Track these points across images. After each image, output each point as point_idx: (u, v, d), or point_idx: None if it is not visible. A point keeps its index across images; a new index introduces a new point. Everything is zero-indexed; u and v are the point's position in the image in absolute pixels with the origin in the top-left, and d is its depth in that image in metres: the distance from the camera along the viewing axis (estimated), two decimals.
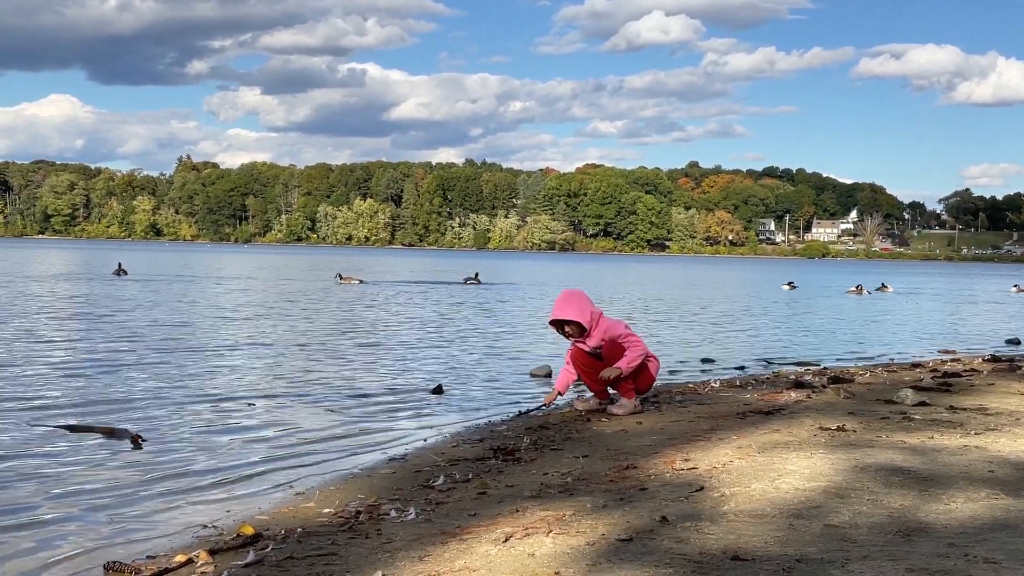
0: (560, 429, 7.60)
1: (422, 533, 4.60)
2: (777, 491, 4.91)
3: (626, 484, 5.36)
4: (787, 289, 41.31)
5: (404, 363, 12.38)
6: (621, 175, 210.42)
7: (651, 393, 9.64)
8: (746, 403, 8.52)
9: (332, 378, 10.81)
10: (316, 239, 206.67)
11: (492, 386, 10.52)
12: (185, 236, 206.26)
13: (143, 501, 5.60)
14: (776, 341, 17.21)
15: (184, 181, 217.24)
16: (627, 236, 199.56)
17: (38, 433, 7.34)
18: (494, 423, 8.22)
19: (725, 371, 12.20)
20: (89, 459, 6.56)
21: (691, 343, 16.26)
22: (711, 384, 10.14)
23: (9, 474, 6.11)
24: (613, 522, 4.46)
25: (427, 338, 15.93)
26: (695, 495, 4.92)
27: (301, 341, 14.80)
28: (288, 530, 4.77)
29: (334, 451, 7.08)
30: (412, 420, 8.41)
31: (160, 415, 8.23)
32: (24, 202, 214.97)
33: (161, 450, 6.90)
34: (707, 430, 7.10)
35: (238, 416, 8.33)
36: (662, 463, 5.87)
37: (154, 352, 12.64)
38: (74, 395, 9.14)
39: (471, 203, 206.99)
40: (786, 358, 14.05)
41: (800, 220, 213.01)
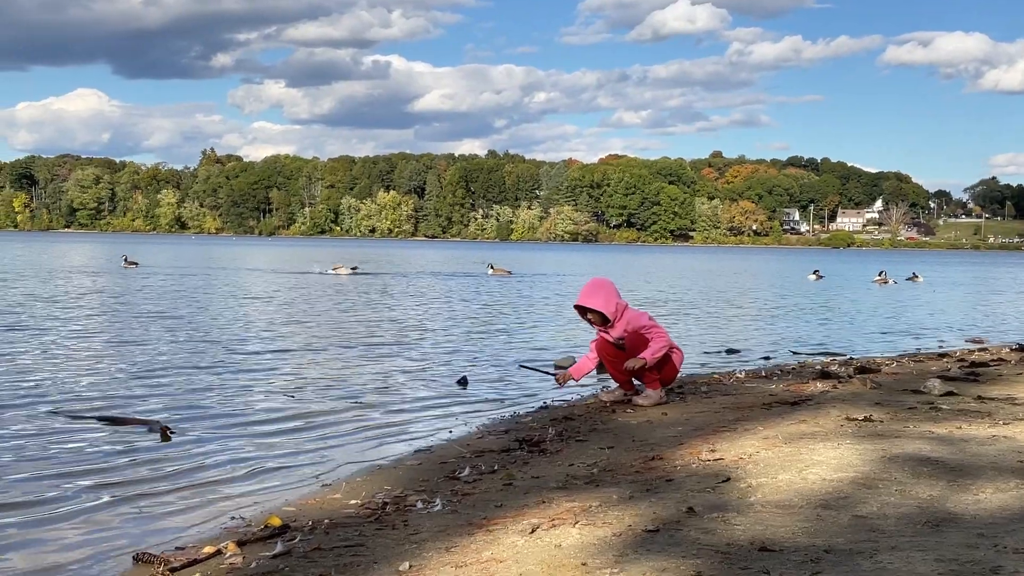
0: (585, 420, 7.60)
1: (449, 524, 4.61)
2: (804, 482, 4.90)
3: (652, 475, 5.36)
4: (813, 279, 41.08)
5: (428, 355, 12.40)
6: (644, 165, 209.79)
7: (676, 384, 9.63)
8: (772, 393, 8.49)
9: (357, 370, 10.85)
10: (340, 231, 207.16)
11: (516, 378, 10.52)
12: (209, 229, 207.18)
13: (171, 492, 5.65)
14: (801, 331, 17.13)
15: (208, 174, 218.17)
16: (650, 227, 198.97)
17: (69, 425, 7.41)
18: (519, 414, 8.23)
19: (750, 361, 12.17)
20: (118, 451, 6.62)
21: (716, 333, 16.21)
22: (736, 375, 10.11)
23: (39, 465, 6.17)
24: (640, 513, 4.46)
25: (450, 330, 15.94)
26: (722, 486, 4.92)
27: (325, 334, 14.85)
28: (315, 521, 4.80)
29: (360, 443, 7.11)
30: (437, 412, 8.43)
31: (187, 407, 8.29)
32: (50, 196, 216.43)
33: (189, 442, 6.96)
34: (733, 421, 7.08)
35: (264, 408, 8.37)
36: (688, 454, 5.86)
37: (179, 345, 12.72)
38: (102, 387, 9.21)
39: (494, 194, 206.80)
40: (812, 348, 13.99)
41: (825, 210, 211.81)
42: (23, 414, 7.79)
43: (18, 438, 6.93)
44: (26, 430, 7.20)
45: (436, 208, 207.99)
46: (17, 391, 8.83)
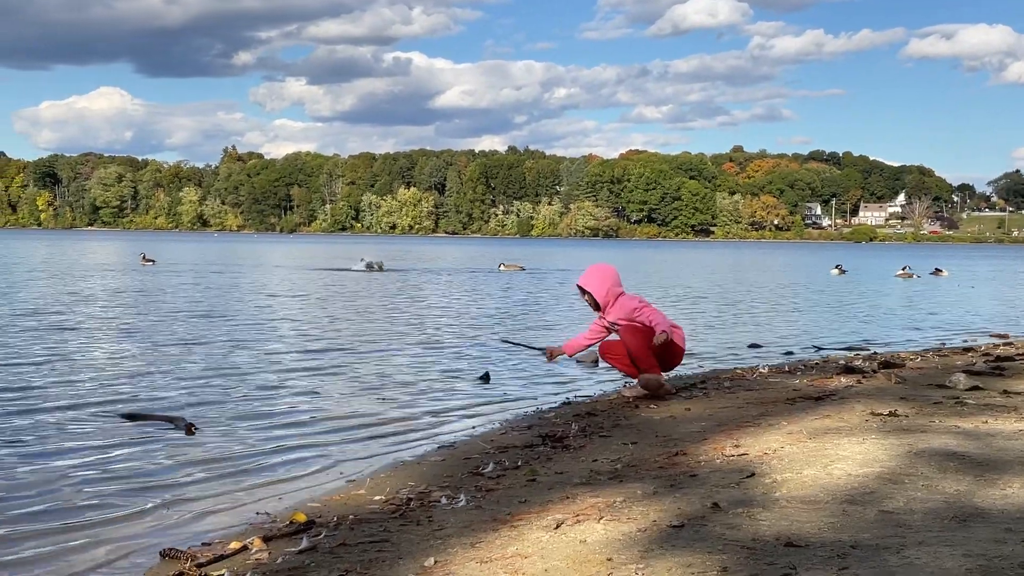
0: (608, 416, 7.59)
1: (473, 520, 4.62)
2: (829, 477, 4.87)
3: (676, 470, 5.35)
4: (836, 273, 40.90)
5: (450, 351, 12.42)
6: (665, 160, 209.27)
7: (698, 379, 9.62)
8: (795, 389, 8.46)
9: (379, 367, 10.87)
10: (360, 228, 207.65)
11: (538, 373, 10.52)
12: (231, 226, 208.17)
13: (197, 488, 5.68)
14: (824, 326, 17.06)
15: (230, 172, 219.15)
16: (671, 222, 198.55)
17: (95, 422, 7.46)
18: (542, 410, 8.23)
19: (773, 356, 12.13)
20: (144, 447, 6.66)
21: (738, 328, 16.16)
22: (759, 370, 10.08)
23: (67, 462, 6.22)
24: (664, 508, 4.45)
25: (472, 326, 15.96)
26: (746, 481, 4.90)
27: (347, 330, 14.89)
28: (340, 517, 4.81)
29: (384, 439, 7.13)
30: (460, 408, 8.44)
31: (211, 403, 8.33)
32: (73, 194, 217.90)
33: (213, 438, 6.99)
34: (756, 416, 7.05)
35: (287, 404, 8.41)
36: (712, 449, 5.84)
37: (202, 342, 12.79)
38: (126, 384, 9.27)
39: (514, 190, 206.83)
40: (835, 343, 13.93)
41: (847, 204, 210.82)
42: (48, 411, 7.84)
43: (43, 435, 6.98)
44: (52, 427, 7.25)
45: (456, 204, 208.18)
46: (41, 389, 8.90)
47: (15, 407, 7.96)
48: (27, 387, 8.94)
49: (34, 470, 6.01)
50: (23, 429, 7.14)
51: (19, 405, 8.05)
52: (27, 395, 8.53)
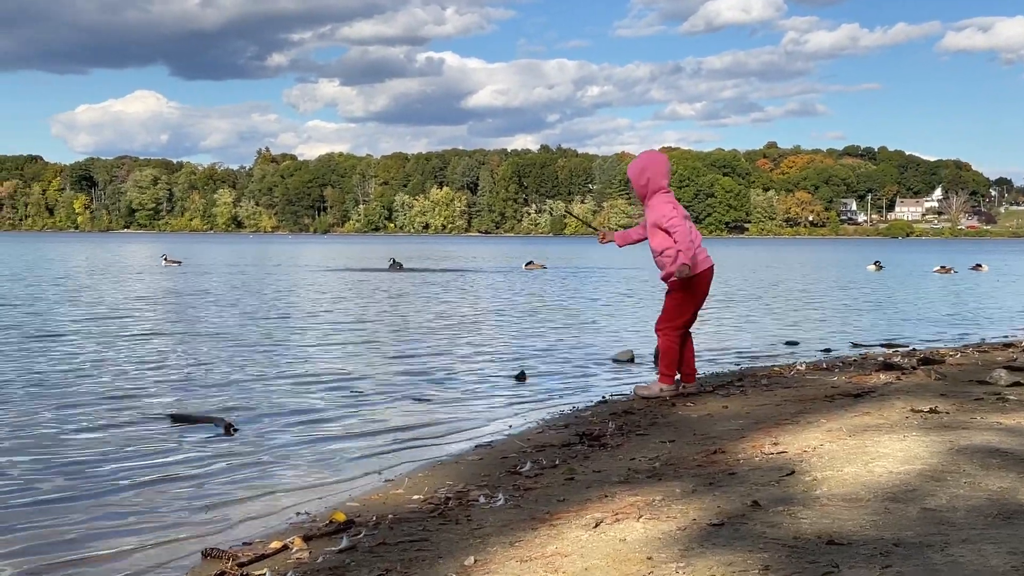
0: (645, 414, 7.58)
1: (512, 519, 4.63)
2: (871, 474, 4.84)
3: (715, 468, 5.33)
4: (873, 269, 40.58)
5: (485, 351, 12.43)
6: (698, 158, 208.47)
7: (735, 376, 9.58)
8: (834, 386, 8.40)
9: (414, 366, 10.90)
10: (393, 228, 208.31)
11: (574, 372, 10.52)
12: (265, 228, 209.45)
13: (237, 488, 5.72)
14: (862, 322, 16.94)
15: (263, 173, 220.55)
16: (705, 219, 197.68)
17: (134, 424, 7.54)
18: (578, 409, 8.23)
19: (810, 353, 12.06)
20: (184, 447, 6.72)
21: (775, 325, 16.08)
22: (797, 367, 10.02)
23: (107, 462, 6.29)
24: (703, 507, 4.44)
25: (506, 325, 15.97)
26: (786, 479, 4.87)
27: (380, 330, 14.94)
28: (379, 516, 4.84)
29: (420, 438, 7.15)
30: (496, 407, 8.46)
31: (249, 404, 8.39)
32: (109, 197, 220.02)
33: (252, 438, 7.05)
34: (795, 413, 7.01)
35: (324, 405, 8.45)
36: (750, 447, 5.81)
37: (238, 342, 12.87)
38: (164, 385, 9.36)
39: (547, 189, 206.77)
40: (873, 340, 13.82)
41: (883, 199, 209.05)
42: (88, 413, 7.93)
43: (85, 436, 7.06)
44: (93, 428, 7.33)
45: (489, 204, 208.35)
46: (79, 392, 8.99)
47: (54, 410, 8.05)
48: (65, 390, 9.04)
49: (75, 471, 6.08)
50: (63, 432, 7.23)
51: (59, 408, 8.14)
52: (65, 398, 8.62)
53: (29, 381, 9.46)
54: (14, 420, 7.57)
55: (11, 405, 8.19)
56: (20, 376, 9.78)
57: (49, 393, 8.78)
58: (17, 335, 13.37)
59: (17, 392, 8.82)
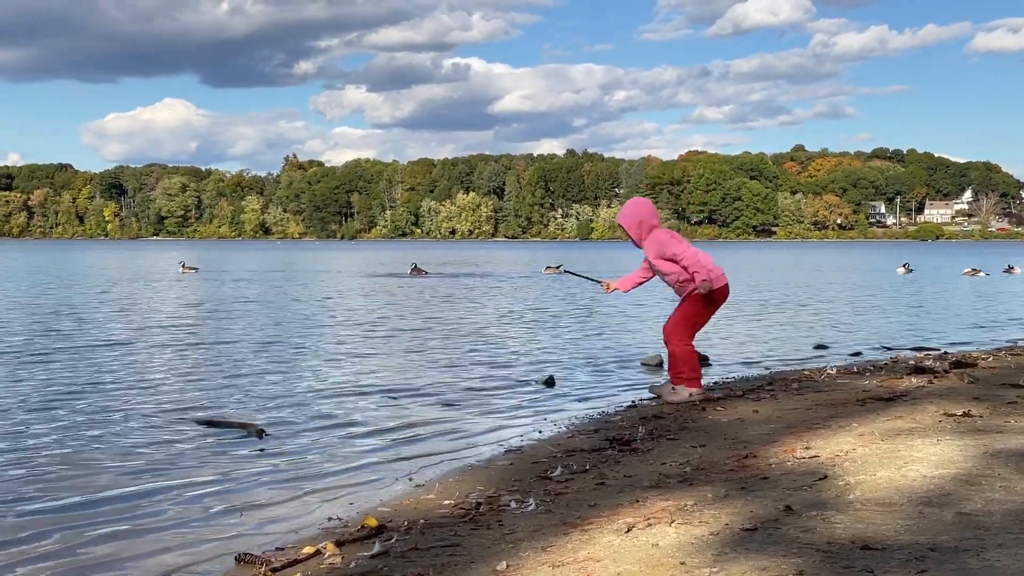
0: (675, 419, 7.56)
1: (543, 524, 4.63)
2: (904, 479, 4.81)
3: (746, 473, 5.31)
4: (902, 272, 40.30)
5: (513, 356, 12.44)
6: (725, 161, 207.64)
7: (765, 381, 9.54)
8: (865, 389, 8.36)
9: (443, 372, 10.92)
10: (420, 234, 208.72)
11: (603, 376, 10.51)
12: (293, 234, 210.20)
13: (269, 494, 5.75)
14: (892, 326, 16.82)
15: (291, 180, 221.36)
16: (732, 223, 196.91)
17: (167, 427, 7.59)
18: (607, 413, 8.22)
19: (841, 357, 11.99)
20: (215, 452, 6.77)
21: (804, 329, 16.00)
22: (827, 371, 9.97)
23: (139, 468, 6.33)
24: (736, 511, 4.42)
25: (533, 329, 15.97)
26: (819, 483, 4.85)
27: (407, 335, 14.97)
28: (411, 522, 4.85)
29: (451, 444, 7.16)
30: (525, 412, 8.46)
31: (278, 409, 8.43)
32: (139, 205, 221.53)
33: (283, 443, 7.08)
34: (826, 417, 6.98)
35: (354, 410, 8.48)
36: (782, 451, 5.79)
37: (263, 348, 12.93)
38: (194, 391, 9.42)
39: (573, 193, 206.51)
40: (903, 343, 13.73)
41: (912, 202, 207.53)
42: (119, 419, 7.99)
43: (118, 442, 7.11)
44: (125, 434, 7.39)
45: (516, 208, 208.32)
46: (112, 397, 9.07)
47: (87, 416, 8.11)
48: (98, 396, 9.12)
49: (108, 476, 6.13)
50: (96, 437, 7.28)
51: (89, 414, 8.21)
52: (97, 404, 8.69)
53: (54, 390, 9.55)
54: (44, 427, 7.64)
55: (41, 412, 8.27)
56: (46, 384, 9.87)
57: (77, 401, 8.85)
58: (40, 344, 13.50)
59: (45, 400, 8.91)
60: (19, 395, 9.09)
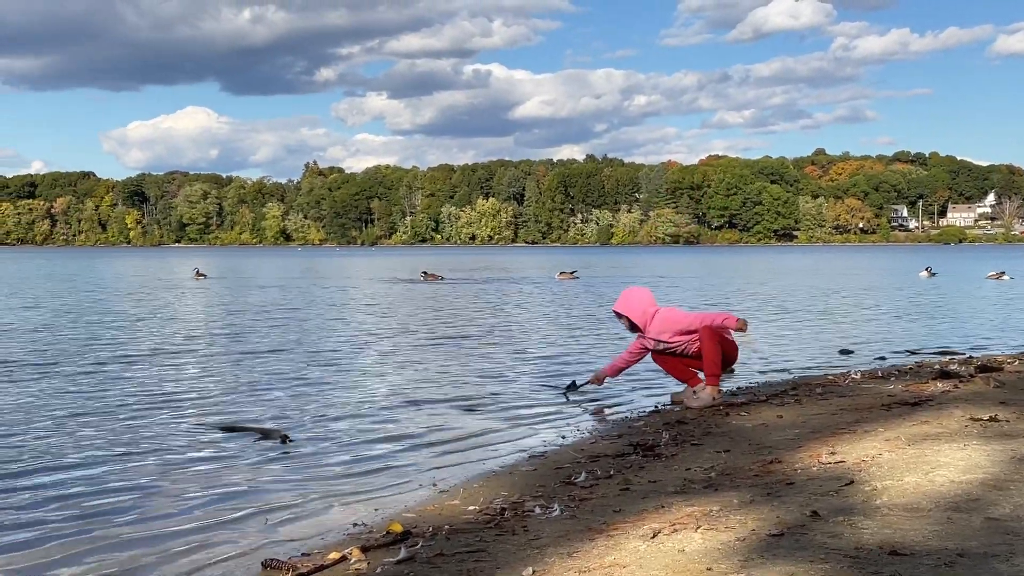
0: (699, 424, 7.55)
1: (568, 529, 4.62)
2: (931, 484, 4.78)
3: (772, 478, 5.30)
4: (925, 276, 40.06)
5: (534, 361, 12.43)
6: (746, 165, 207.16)
7: (789, 386, 9.50)
8: (890, 394, 8.32)
9: (465, 378, 10.93)
10: (440, 240, 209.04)
11: (626, 382, 10.48)
12: (313, 240, 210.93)
13: (293, 499, 5.77)
14: (916, 330, 16.72)
15: (311, 187, 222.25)
16: (753, 227, 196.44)
17: (192, 433, 7.63)
18: (631, 419, 8.21)
19: (865, 362, 11.93)
20: (240, 458, 6.79)
21: (827, 334, 15.92)
22: (851, 376, 9.92)
23: (166, 474, 6.37)
24: (762, 517, 4.41)
25: (553, 335, 15.95)
26: (845, 489, 4.83)
27: (426, 341, 14.99)
28: (436, 527, 4.85)
29: (474, 449, 7.17)
30: (548, 417, 8.45)
31: (302, 415, 8.46)
32: (160, 212, 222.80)
33: (307, 449, 7.11)
34: (851, 422, 6.95)
35: (377, 416, 8.49)
36: (807, 457, 5.77)
37: (286, 355, 12.97)
38: (218, 397, 9.46)
39: (593, 199, 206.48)
40: (928, 347, 13.64)
41: (934, 205, 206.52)
42: (143, 426, 8.03)
43: (142, 448, 7.15)
44: (149, 441, 7.43)
45: (535, 214, 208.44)
46: (136, 403, 9.12)
47: (112, 422, 8.16)
48: (122, 403, 9.17)
49: (134, 482, 6.17)
50: (121, 443, 7.33)
51: (116, 419, 8.26)
52: (121, 410, 8.75)
53: (79, 397, 9.61)
54: (70, 434, 7.68)
55: (66, 419, 8.32)
56: (71, 392, 9.94)
57: (102, 410, 8.90)
58: (58, 353, 13.60)
59: (72, 406, 8.96)
60: (42, 404, 9.16)
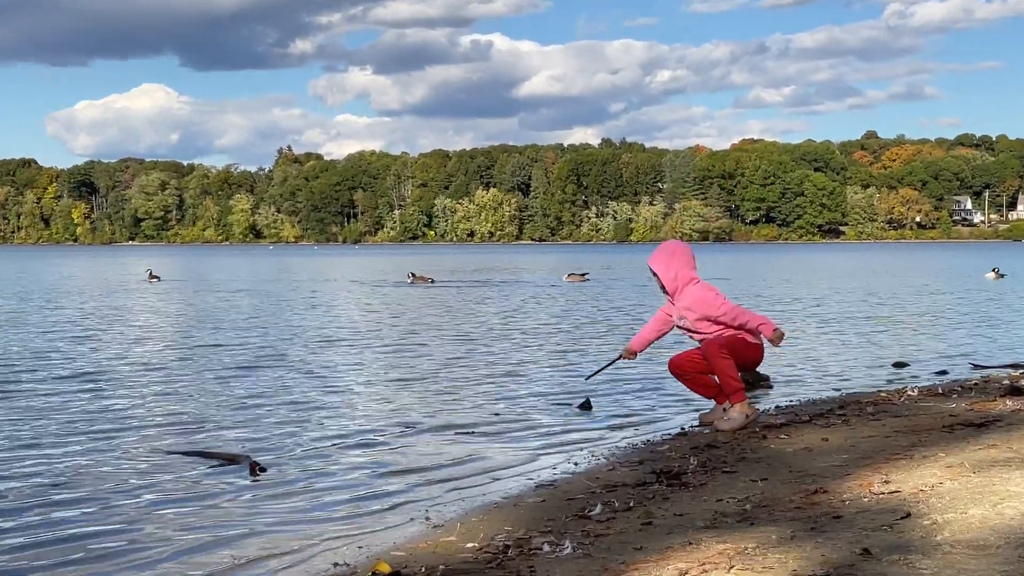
0: (731, 448, 7.56)
1: (582, 570, 4.63)
2: (1000, 517, 4.79)
3: (816, 511, 5.30)
4: (992, 278, 40.08)
5: (542, 376, 12.44)
6: (785, 150, 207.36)
7: (836, 404, 9.51)
8: (952, 414, 8.33)
9: (464, 395, 10.94)
10: (434, 236, 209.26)
11: (646, 399, 10.50)
12: (288, 238, 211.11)
13: (266, 535, 5.78)
14: (982, 340, 16.73)
15: (285, 176, 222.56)
16: (794, 222, 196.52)
17: (153, 461, 7.64)
18: (653, 442, 8.22)
19: (923, 377, 11.94)
20: (206, 489, 6.81)
21: (880, 345, 15.94)
22: (907, 392, 9.93)
23: (119, 509, 6.38)
24: (805, 556, 4.41)
25: (564, 345, 15.96)
26: (900, 523, 4.84)
27: (422, 354, 15.00)
28: (429, 567, 4.86)
29: (473, 477, 7.18)
30: (558, 441, 8.47)
31: (277, 440, 8.47)
32: (112, 205, 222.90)
33: (282, 479, 7.12)
34: (907, 446, 6.96)
35: (362, 440, 8.51)
36: (857, 486, 5.78)
37: (259, 372, 12.98)
38: (179, 419, 9.47)
39: (610, 189, 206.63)
40: (996, 360, 13.65)
41: (1003, 196, 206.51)
42: (101, 451, 8.06)
43: (98, 478, 7.18)
44: (106, 469, 7.45)
45: (543, 207, 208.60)
46: (90, 427, 9.14)
47: (62, 451, 8.18)
48: (72, 429, 9.19)
49: (87, 515, 6.18)
50: (73, 473, 7.34)
51: (67, 448, 8.28)
52: (72, 437, 8.76)
53: (11, 422, 9.63)
54: (26, 459, 7.70)
55: (19, 446, 8.33)
56: (16, 415, 9.96)
57: (51, 436, 8.92)
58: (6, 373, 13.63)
59: (21, 433, 8.98)
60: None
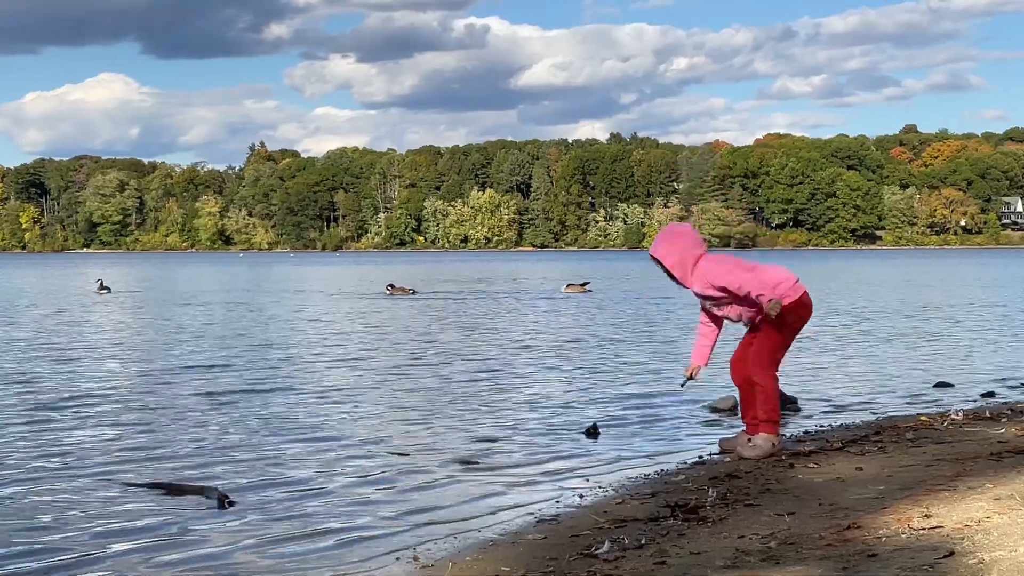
0: (755, 478, 7.56)
1: None
2: None
3: (848, 549, 5.31)
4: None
5: (544, 399, 12.43)
6: (815, 147, 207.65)
7: (871, 430, 9.52)
8: (1001, 440, 8.34)
9: (455, 420, 10.94)
10: (424, 242, 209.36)
11: (660, 425, 10.51)
12: (260, 244, 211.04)
13: (236, 574, 5.77)
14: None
15: (257, 175, 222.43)
16: (824, 226, 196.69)
17: (115, 494, 7.64)
18: (667, 471, 8.22)
19: (968, 399, 11.94)
20: (171, 523, 6.82)
21: (921, 364, 15.95)
22: (951, 416, 9.94)
23: (88, 543, 6.38)
24: None
25: (567, 364, 15.96)
26: (943, 563, 4.84)
27: (409, 374, 15.00)
28: None
29: (466, 511, 7.19)
30: (562, 471, 8.47)
31: (246, 469, 8.47)
32: (64, 208, 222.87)
33: (252, 511, 7.12)
34: (950, 476, 6.97)
35: (341, 469, 8.51)
36: (894, 521, 5.78)
37: (228, 394, 12.95)
38: (137, 445, 9.47)
39: (619, 190, 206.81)
40: None
41: None
42: (63, 479, 8.07)
43: (59, 509, 7.19)
44: (68, 499, 7.47)
45: (546, 210, 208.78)
46: (55, 454, 9.14)
47: (18, 484, 8.18)
48: (24, 456, 9.19)
49: (46, 553, 6.18)
50: (30, 508, 7.35)
51: (24, 478, 8.28)
52: (22, 463, 8.77)
53: None
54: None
55: None
56: None
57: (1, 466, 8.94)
58: None
59: None
60: None
